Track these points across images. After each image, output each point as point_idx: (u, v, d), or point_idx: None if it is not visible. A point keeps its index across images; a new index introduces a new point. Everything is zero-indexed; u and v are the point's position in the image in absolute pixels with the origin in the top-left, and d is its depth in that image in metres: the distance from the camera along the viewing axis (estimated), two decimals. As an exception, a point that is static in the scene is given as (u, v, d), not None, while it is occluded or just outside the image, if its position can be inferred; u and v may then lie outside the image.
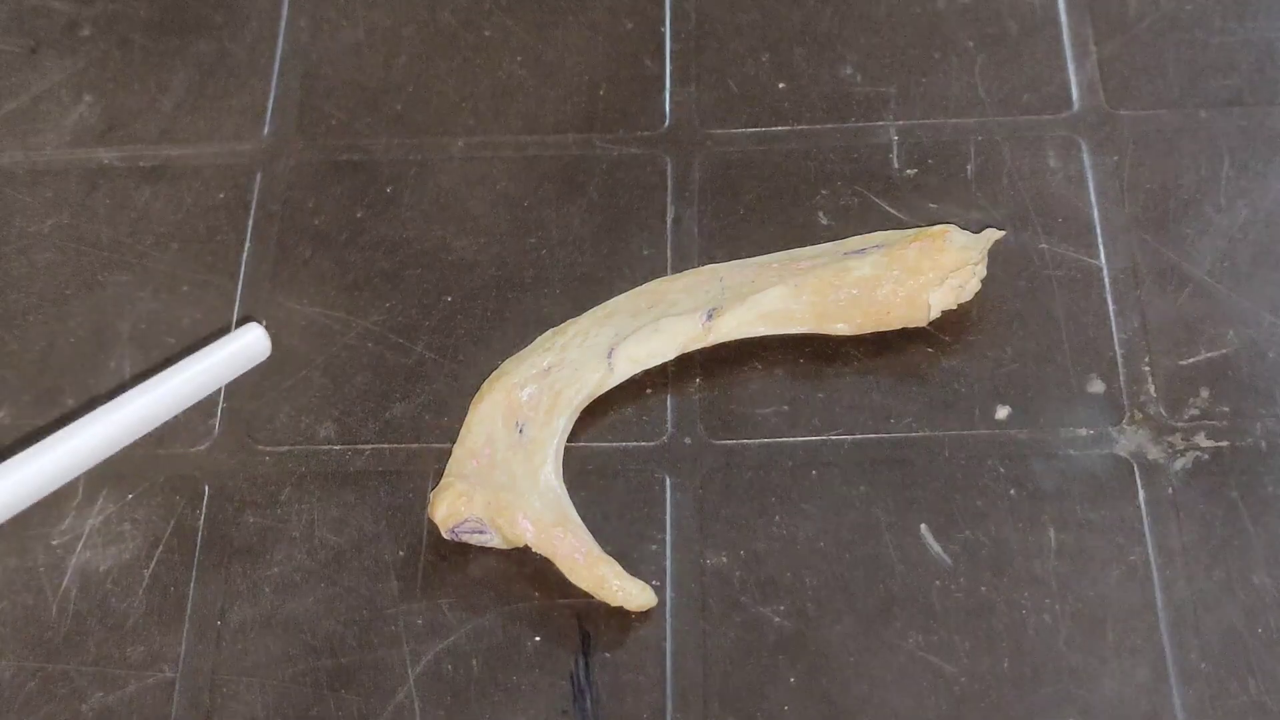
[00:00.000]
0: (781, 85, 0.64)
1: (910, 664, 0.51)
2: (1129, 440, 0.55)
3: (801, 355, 0.57)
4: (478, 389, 0.56)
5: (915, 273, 0.56)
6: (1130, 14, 0.65)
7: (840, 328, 0.57)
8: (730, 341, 0.57)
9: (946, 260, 0.56)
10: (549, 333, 0.57)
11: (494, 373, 0.56)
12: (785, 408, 0.56)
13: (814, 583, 0.53)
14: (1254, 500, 0.54)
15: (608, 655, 0.52)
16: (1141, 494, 0.54)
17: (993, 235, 0.57)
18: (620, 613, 0.52)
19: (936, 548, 0.53)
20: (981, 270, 0.57)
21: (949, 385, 0.56)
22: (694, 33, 0.66)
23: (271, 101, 0.65)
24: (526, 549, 0.53)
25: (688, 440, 0.56)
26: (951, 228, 0.57)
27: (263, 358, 0.50)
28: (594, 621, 0.52)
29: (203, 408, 0.57)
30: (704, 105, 0.64)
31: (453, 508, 0.53)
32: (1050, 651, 0.51)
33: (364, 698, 0.51)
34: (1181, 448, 0.55)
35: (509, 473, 0.53)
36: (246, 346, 0.49)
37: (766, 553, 0.53)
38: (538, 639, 0.52)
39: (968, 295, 0.57)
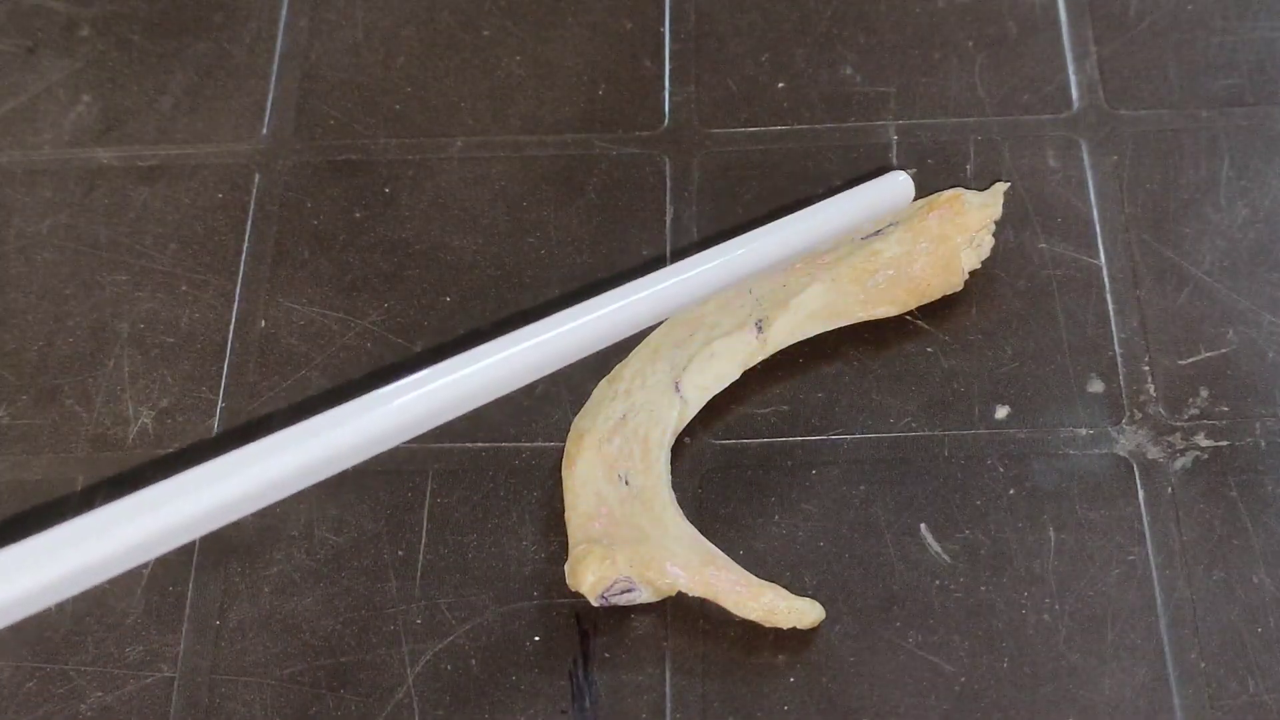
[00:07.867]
0: (781, 85, 0.64)
1: (910, 663, 0.51)
2: (1129, 440, 0.55)
3: (801, 355, 0.57)
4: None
5: (943, 240, 0.56)
6: (1130, 14, 0.65)
7: (884, 310, 0.57)
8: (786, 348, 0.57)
9: (969, 221, 0.56)
10: (603, 382, 0.55)
11: (570, 434, 0.54)
12: (785, 408, 0.56)
13: (814, 582, 0.53)
14: (1254, 500, 0.54)
15: (607, 655, 0.52)
16: (1141, 494, 0.54)
17: (1002, 187, 0.58)
18: (620, 612, 0.52)
19: (936, 547, 0.53)
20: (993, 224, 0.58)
21: (949, 385, 0.56)
22: (694, 33, 0.66)
23: (270, 101, 0.65)
24: (679, 595, 0.52)
25: (688, 439, 0.55)
26: (961, 190, 0.57)
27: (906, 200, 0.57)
28: (594, 621, 0.52)
29: (201, 407, 0.57)
30: (703, 105, 0.64)
31: (600, 573, 0.51)
32: (1050, 651, 0.51)
33: (363, 697, 0.51)
34: (1181, 447, 0.55)
35: (635, 525, 0.52)
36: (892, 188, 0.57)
37: (766, 552, 0.53)
38: (537, 639, 0.52)
39: (986, 252, 0.57)
